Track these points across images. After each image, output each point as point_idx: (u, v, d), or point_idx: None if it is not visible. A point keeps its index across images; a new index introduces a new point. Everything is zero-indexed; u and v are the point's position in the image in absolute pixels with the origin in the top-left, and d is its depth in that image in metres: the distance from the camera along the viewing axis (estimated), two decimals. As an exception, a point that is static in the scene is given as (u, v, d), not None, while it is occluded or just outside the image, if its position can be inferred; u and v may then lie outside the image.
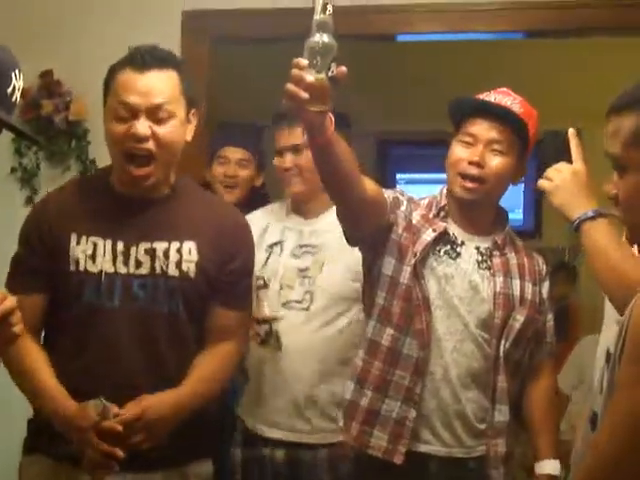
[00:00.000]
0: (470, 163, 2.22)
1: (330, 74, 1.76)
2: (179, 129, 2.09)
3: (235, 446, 2.69)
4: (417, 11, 3.15)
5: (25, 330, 1.77)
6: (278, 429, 2.63)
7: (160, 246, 2.11)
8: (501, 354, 2.25)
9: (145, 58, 2.05)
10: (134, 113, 2.03)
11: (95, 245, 2.10)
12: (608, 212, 1.86)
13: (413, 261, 2.23)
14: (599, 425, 1.39)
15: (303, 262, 2.61)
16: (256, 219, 2.69)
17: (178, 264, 2.10)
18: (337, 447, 2.52)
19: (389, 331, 2.26)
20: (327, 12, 1.75)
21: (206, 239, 2.14)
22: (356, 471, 2.35)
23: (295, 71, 1.76)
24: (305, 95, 1.76)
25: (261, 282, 2.63)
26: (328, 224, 2.57)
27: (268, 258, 2.68)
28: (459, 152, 2.24)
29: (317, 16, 1.75)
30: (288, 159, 2.68)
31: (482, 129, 2.22)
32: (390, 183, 5.66)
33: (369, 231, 2.24)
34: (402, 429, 2.24)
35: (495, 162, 2.22)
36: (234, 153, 2.96)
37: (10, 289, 2.01)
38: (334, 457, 2.57)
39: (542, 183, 1.99)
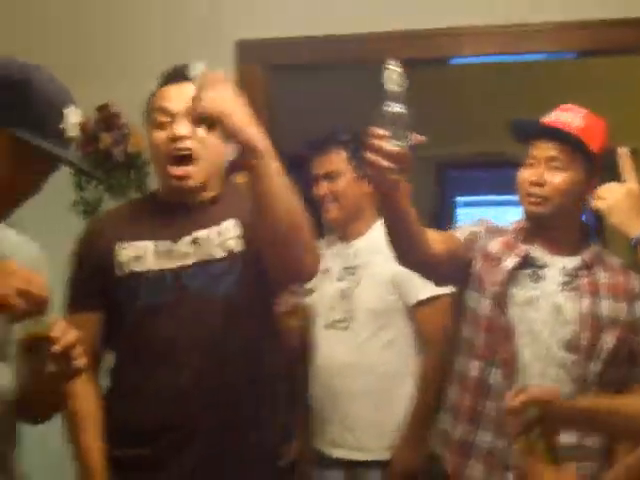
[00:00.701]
0: (531, 183, 2.27)
1: (407, 142, 1.80)
2: (218, 137, 2.07)
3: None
4: (469, 34, 3.15)
5: (84, 359, 1.77)
6: (333, 447, 2.74)
7: (201, 234, 2.12)
8: (591, 376, 2.21)
9: (182, 72, 2.11)
10: (173, 117, 2.10)
11: (139, 248, 2.13)
12: None
13: (492, 291, 2.26)
14: None
15: (345, 284, 2.72)
16: None
17: (222, 244, 2.11)
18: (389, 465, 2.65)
19: (475, 363, 2.30)
20: (401, 83, 1.81)
21: (244, 212, 2.09)
22: None
23: (374, 140, 1.80)
24: (386, 163, 1.79)
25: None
26: (367, 244, 2.72)
27: (318, 285, 2.75)
28: (523, 173, 2.33)
29: (391, 86, 1.79)
30: (323, 186, 2.77)
31: (541, 150, 2.29)
32: (448, 206, 5.80)
33: (447, 276, 2.30)
34: (494, 459, 2.25)
35: (556, 179, 2.26)
36: None
37: (69, 311, 2.13)
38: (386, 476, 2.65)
39: (597, 203, 2.04)
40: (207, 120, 1.87)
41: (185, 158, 2.10)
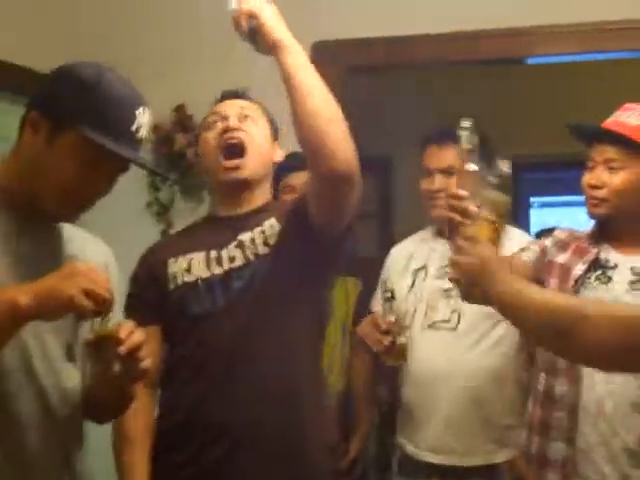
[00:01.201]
0: (590, 186, 2.34)
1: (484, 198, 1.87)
2: (266, 136, 2.25)
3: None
4: (546, 32, 3.12)
5: (149, 362, 1.79)
6: (433, 452, 2.69)
7: (245, 237, 2.17)
8: None
9: (235, 92, 2.32)
10: (224, 116, 2.22)
11: (190, 260, 2.19)
12: None
13: None
14: None
15: (447, 282, 2.46)
16: (403, 247, 2.86)
17: (265, 242, 2.15)
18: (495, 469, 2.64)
19: (542, 374, 2.35)
20: (472, 141, 1.88)
21: (283, 209, 2.23)
22: None
23: (453, 201, 1.88)
24: (460, 219, 1.86)
25: (389, 294, 2.68)
26: None
27: (414, 282, 2.74)
28: (585, 177, 2.37)
29: (465, 145, 1.89)
30: (437, 181, 2.73)
31: (599, 152, 2.35)
32: (524, 206, 5.84)
33: None
34: (566, 469, 2.27)
35: (614, 180, 2.30)
36: (299, 178, 2.71)
37: None
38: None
39: None
40: (250, 31, 1.95)
41: (236, 149, 2.17)
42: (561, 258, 2.37)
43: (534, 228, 5.10)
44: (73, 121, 1.72)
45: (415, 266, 2.78)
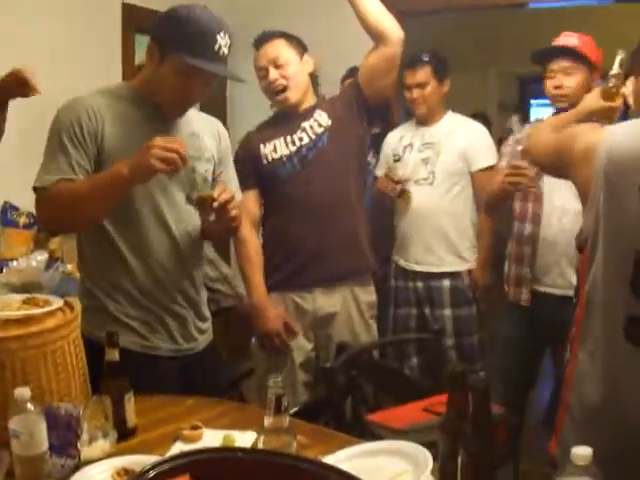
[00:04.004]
0: (555, 88, 3.19)
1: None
2: (296, 63, 3.07)
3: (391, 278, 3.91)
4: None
5: (249, 219, 2.88)
6: (417, 264, 3.83)
7: (305, 124, 3.11)
8: None
9: (260, 39, 3.13)
10: (266, 69, 3.08)
11: (274, 144, 3.13)
12: None
13: None
14: None
15: (426, 154, 3.72)
16: (394, 133, 3.98)
17: (319, 124, 3.10)
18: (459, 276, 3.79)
19: (516, 222, 3.29)
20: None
21: (330, 102, 3.19)
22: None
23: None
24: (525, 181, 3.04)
25: (397, 157, 3.85)
26: (441, 127, 3.79)
27: (404, 153, 3.84)
28: (548, 83, 3.22)
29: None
30: (415, 92, 3.78)
31: (556, 64, 3.18)
32: (527, 105, 8.38)
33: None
34: (532, 285, 3.26)
35: (570, 81, 3.15)
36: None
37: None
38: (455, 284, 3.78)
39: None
40: None
41: (280, 90, 3.07)
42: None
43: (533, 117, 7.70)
44: (171, 48, 2.23)
45: (405, 143, 3.87)
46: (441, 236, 3.76)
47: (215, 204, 2.30)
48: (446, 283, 3.77)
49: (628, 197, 1.75)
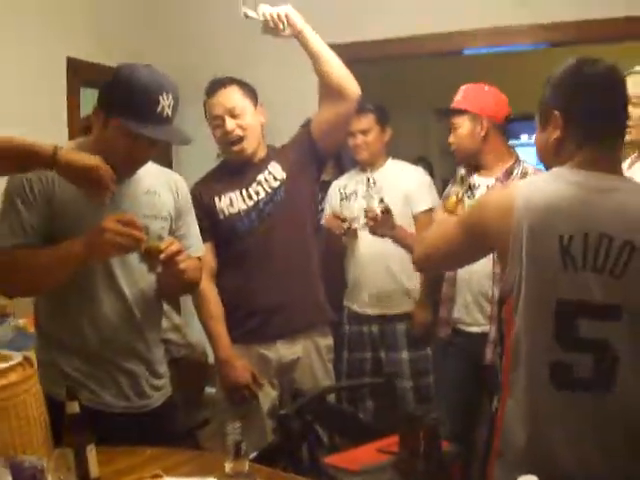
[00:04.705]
0: (451, 142, 3.47)
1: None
2: (252, 113, 3.08)
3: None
4: (475, 32, 4.34)
5: (207, 272, 2.85)
6: (370, 307, 3.95)
7: (260, 177, 3.14)
8: None
9: (215, 85, 3.13)
10: (221, 119, 3.08)
11: (230, 197, 3.12)
12: None
13: None
14: None
15: (369, 201, 3.78)
16: (338, 181, 4.15)
17: (274, 177, 3.14)
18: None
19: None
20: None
21: (282, 151, 3.21)
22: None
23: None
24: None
25: (343, 195, 4.00)
26: (384, 172, 3.95)
27: (348, 201, 4.00)
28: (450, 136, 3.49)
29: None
30: (358, 138, 3.96)
31: (452, 120, 3.45)
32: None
33: None
34: (455, 324, 3.51)
35: (453, 137, 3.46)
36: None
37: None
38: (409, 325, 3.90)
39: None
40: (278, 30, 2.81)
41: (236, 141, 3.08)
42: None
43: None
44: (114, 113, 2.27)
45: (349, 191, 4.04)
46: (391, 279, 3.90)
47: (162, 256, 2.31)
48: (401, 326, 3.91)
49: (549, 245, 1.84)
